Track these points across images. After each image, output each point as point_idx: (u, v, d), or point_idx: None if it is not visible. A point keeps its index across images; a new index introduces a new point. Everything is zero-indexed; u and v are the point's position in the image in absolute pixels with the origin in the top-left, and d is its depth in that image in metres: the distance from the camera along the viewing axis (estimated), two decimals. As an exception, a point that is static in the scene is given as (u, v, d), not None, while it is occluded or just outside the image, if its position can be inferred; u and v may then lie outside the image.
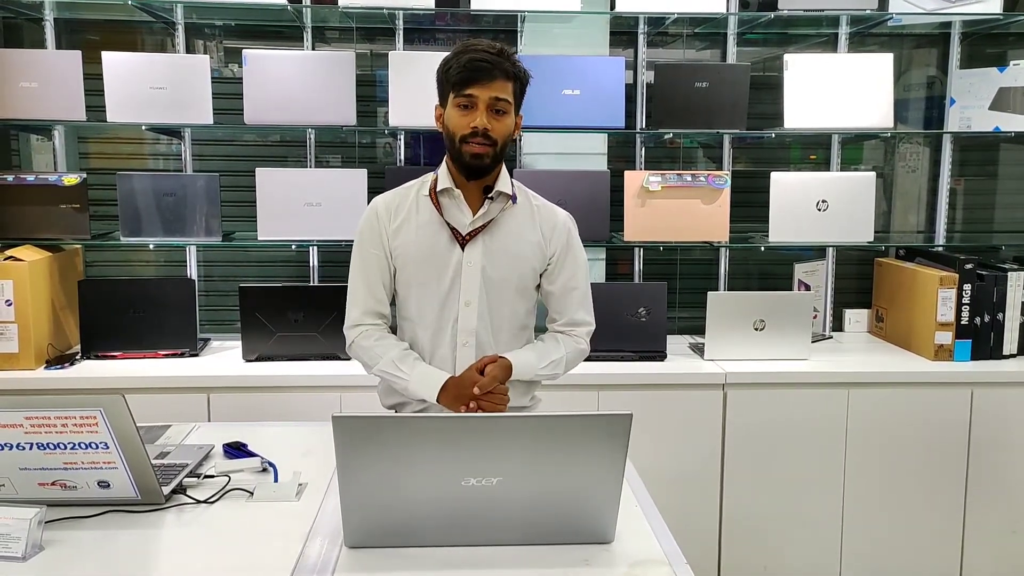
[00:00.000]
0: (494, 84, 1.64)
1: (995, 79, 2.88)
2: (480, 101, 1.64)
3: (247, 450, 1.72)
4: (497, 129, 1.66)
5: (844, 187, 2.80)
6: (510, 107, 1.68)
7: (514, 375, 1.74)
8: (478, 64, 1.63)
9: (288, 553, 1.32)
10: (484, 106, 1.64)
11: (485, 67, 1.62)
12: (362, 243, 1.79)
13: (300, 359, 2.61)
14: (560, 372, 1.84)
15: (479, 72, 1.63)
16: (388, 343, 1.77)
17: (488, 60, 1.63)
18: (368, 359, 1.78)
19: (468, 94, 1.64)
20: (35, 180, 2.64)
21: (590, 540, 1.35)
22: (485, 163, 1.68)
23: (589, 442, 1.28)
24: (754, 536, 2.63)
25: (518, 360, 1.75)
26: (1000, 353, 2.72)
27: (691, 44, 3.16)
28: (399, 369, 1.73)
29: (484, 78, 1.63)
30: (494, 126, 1.65)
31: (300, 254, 3.01)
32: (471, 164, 1.68)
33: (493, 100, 1.65)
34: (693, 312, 2.97)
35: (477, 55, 1.63)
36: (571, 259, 1.83)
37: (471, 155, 1.66)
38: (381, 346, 1.76)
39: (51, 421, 1.38)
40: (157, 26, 2.98)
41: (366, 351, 1.77)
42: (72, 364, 2.55)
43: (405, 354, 1.76)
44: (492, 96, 1.64)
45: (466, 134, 1.65)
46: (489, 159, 1.67)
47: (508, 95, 1.66)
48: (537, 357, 1.79)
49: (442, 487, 1.28)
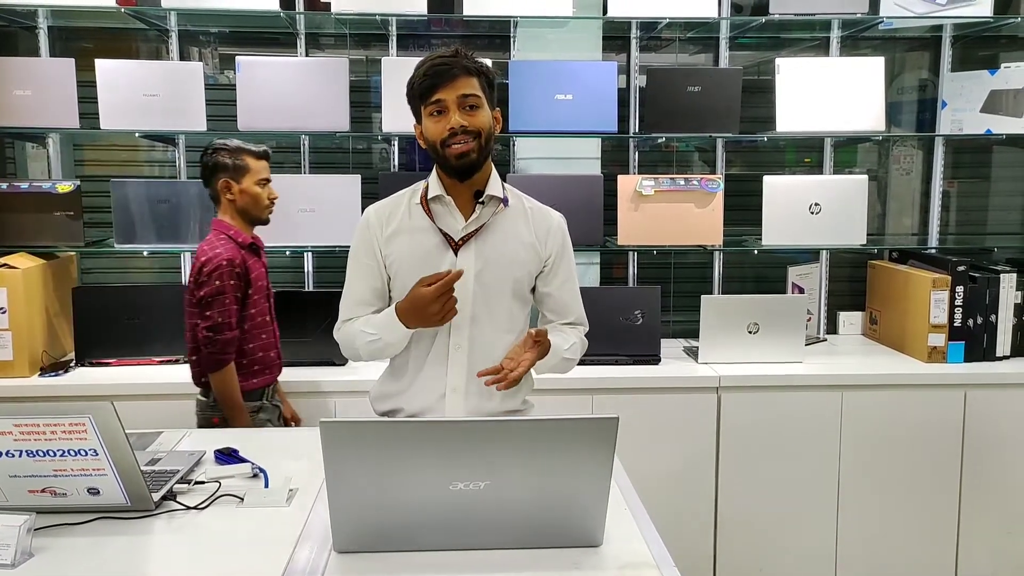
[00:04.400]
0: (457, 83, 1.65)
1: (986, 82, 2.89)
2: (449, 103, 1.66)
3: (238, 456, 1.72)
4: (474, 123, 1.67)
5: (837, 190, 2.81)
6: (481, 101, 1.69)
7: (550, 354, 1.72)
8: (437, 69, 1.65)
9: (277, 559, 1.32)
10: (454, 106, 1.66)
11: (445, 69, 1.65)
12: (356, 253, 1.81)
13: (294, 364, 2.61)
14: (575, 360, 1.84)
15: (439, 76, 1.65)
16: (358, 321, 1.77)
17: (445, 62, 1.65)
18: (349, 344, 1.79)
19: (436, 100, 1.66)
20: (29, 188, 2.65)
21: (579, 543, 1.35)
22: (472, 159, 1.68)
23: (576, 446, 1.28)
24: (749, 538, 2.63)
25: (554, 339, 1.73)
26: (993, 355, 2.72)
27: (683, 48, 3.17)
28: (366, 334, 1.73)
29: (446, 80, 1.65)
30: (470, 121, 1.66)
31: (294, 260, 3.02)
32: (459, 165, 1.68)
33: (461, 98, 1.66)
34: (687, 316, 2.97)
35: (436, 61, 1.66)
36: (566, 260, 1.84)
37: (456, 156, 1.67)
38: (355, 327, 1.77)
39: (40, 428, 1.38)
40: (151, 33, 2.99)
41: (347, 337, 1.78)
42: (67, 371, 2.55)
43: (369, 319, 1.76)
44: (459, 95, 1.66)
45: (445, 137, 1.67)
46: (475, 154, 1.68)
47: (475, 90, 1.68)
48: (561, 339, 1.78)
49: (430, 491, 1.28)
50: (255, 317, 2.23)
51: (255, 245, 2.29)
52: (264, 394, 2.28)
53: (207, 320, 2.13)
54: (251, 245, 2.26)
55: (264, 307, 2.27)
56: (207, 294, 2.13)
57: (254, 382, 2.24)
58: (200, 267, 2.15)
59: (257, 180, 2.24)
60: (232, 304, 2.15)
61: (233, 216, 2.25)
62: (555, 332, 1.81)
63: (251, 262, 2.23)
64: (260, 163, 2.25)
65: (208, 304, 2.13)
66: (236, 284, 2.16)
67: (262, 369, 2.26)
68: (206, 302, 2.13)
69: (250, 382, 2.22)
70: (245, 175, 2.22)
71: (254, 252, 2.27)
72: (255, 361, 2.24)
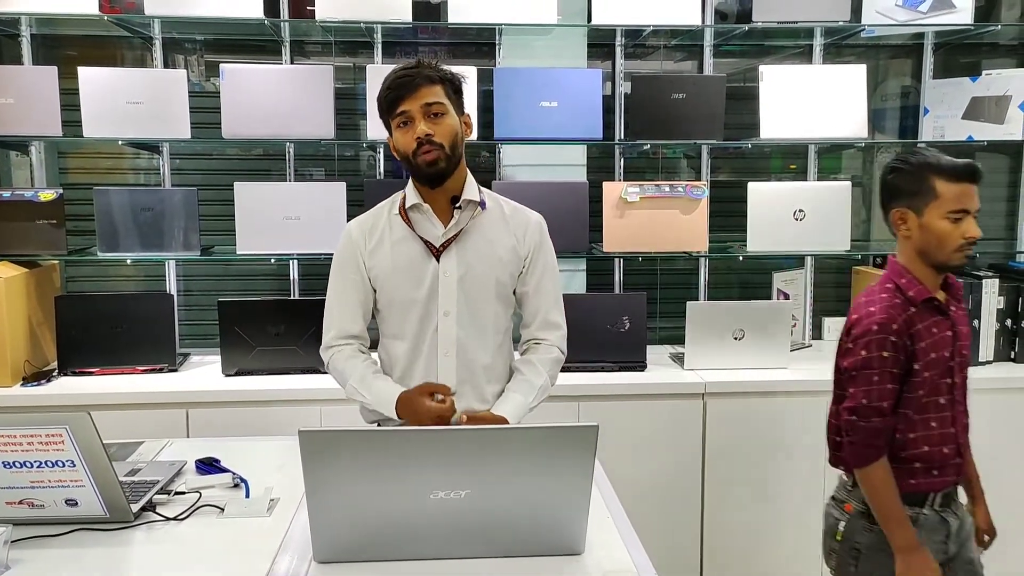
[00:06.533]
0: (420, 92, 1.68)
1: (968, 88, 2.92)
2: (414, 112, 1.68)
3: (219, 466, 1.71)
4: (439, 132, 1.68)
5: (820, 197, 2.82)
6: (445, 108, 1.70)
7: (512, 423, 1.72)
8: (400, 81, 1.68)
9: (257, 569, 1.32)
10: (420, 115, 1.68)
11: (407, 80, 1.68)
12: (339, 267, 1.81)
13: (280, 373, 2.61)
14: (550, 387, 1.86)
15: (403, 87, 1.68)
16: (355, 363, 1.78)
17: (408, 74, 1.68)
18: (340, 380, 1.81)
19: (402, 111, 1.69)
20: (11, 196, 2.63)
21: (560, 552, 1.35)
22: (441, 167, 1.70)
23: (556, 454, 1.28)
24: (735, 544, 2.63)
25: (508, 409, 1.74)
26: (976, 360, 2.73)
27: (668, 56, 3.18)
28: (359, 393, 1.76)
29: (409, 90, 1.67)
30: (435, 130, 1.68)
31: (280, 268, 3.01)
32: (430, 173, 1.70)
33: (424, 107, 1.68)
34: (673, 322, 2.98)
35: (399, 74, 1.69)
36: (543, 259, 1.84)
37: (425, 164, 1.69)
38: (349, 367, 1.78)
39: (16, 439, 1.37)
40: (135, 41, 2.98)
41: (338, 372, 1.80)
42: (49, 381, 2.53)
43: (365, 373, 1.77)
44: (422, 104, 1.68)
45: (414, 148, 1.68)
46: (444, 162, 1.70)
47: (439, 98, 1.69)
48: (523, 395, 1.79)
49: (410, 500, 1.28)
50: (922, 399, 1.70)
51: (934, 301, 1.70)
52: (928, 500, 1.73)
53: (851, 399, 1.69)
54: (929, 301, 1.69)
55: (940, 385, 1.72)
56: (850, 366, 1.69)
57: (912, 483, 1.71)
58: (849, 327, 1.72)
59: (947, 212, 1.65)
60: (885, 383, 1.66)
61: (911, 259, 1.71)
62: (517, 388, 1.80)
63: (922, 326, 1.67)
64: (956, 187, 1.65)
65: (852, 379, 1.69)
66: (893, 357, 1.65)
67: (926, 468, 1.72)
68: (850, 375, 1.69)
69: (907, 482, 1.70)
70: (929, 203, 1.66)
71: (935, 310, 1.70)
72: (917, 457, 1.71)
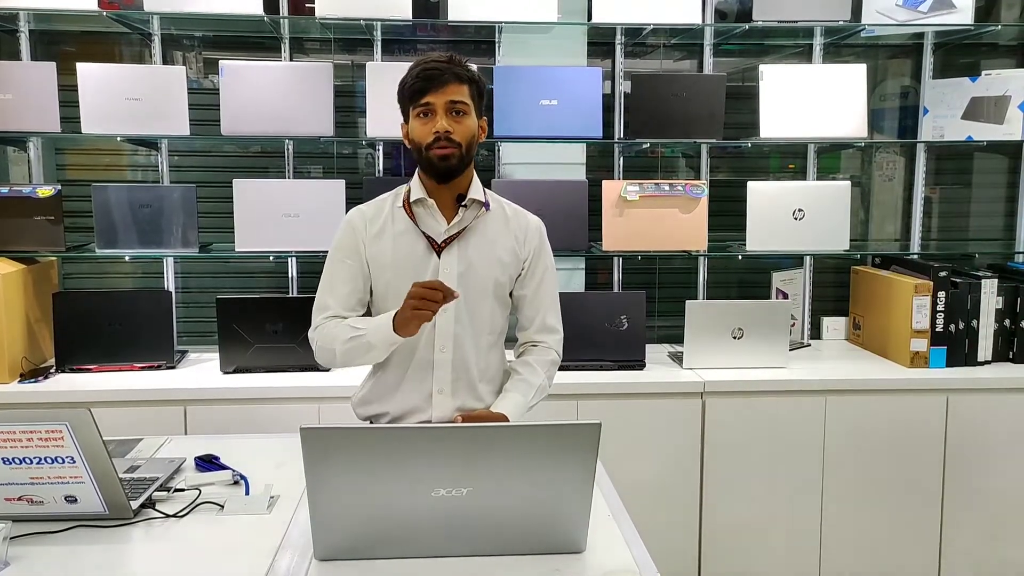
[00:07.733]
0: (448, 88, 1.67)
1: (967, 89, 2.92)
2: (437, 107, 1.68)
3: (219, 463, 1.70)
4: (459, 131, 1.69)
5: (820, 196, 2.82)
6: (468, 108, 1.71)
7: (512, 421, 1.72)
8: (429, 73, 1.67)
9: (257, 567, 1.31)
10: (442, 111, 1.68)
11: (436, 74, 1.67)
12: (338, 253, 1.80)
13: (278, 370, 2.60)
14: (548, 387, 1.86)
15: (431, 80, 1.67)
16: (340, 322, 1.74)
17: (439, 67, 1.67)
18: (330, 344, 1.73)
19: (425, 103, 1.68)
20: (9, 192, 2.62)
21: (562, 550, 1.35)
22: (453, 164, 1.70)
23: (559, 452, 1.28)
24: (734, 544, 2.63)
25: (508, 408, 1.74)
26: (975, 360, 2.74)
27: (668, 55, 3.18)
28: (356, 332, 1.68)
29: (437, 84, 1.67)
30: (455, 128, 1.68)
31: (278, 265, 3.00)
32: (440, 167, 1.70)
33: (449, 104, 1.68)
34: (672, 321, 2.98)
35: (428, 65, 1.68)
36: (543, 262, 1.85)
37: (438, 158, 1.69)
38: (333, 327, 1.74)
39: (16, 436, 1.36)
40: (134, 37, 2.97)
41: (327, 338, 1.73)
42: (47, 378, 2.52)
43: (354, 322, 1.73)
44: (448, 100, 1.68)
45: (430, 141, 1.68)
46: (456, 160, 1.69)
47: (464, 97, 1.70)
48: (522, 395, 1.79)
49: (412, 498, 1.28)
50: None
51: None
52: None
53: None
54: None
55: None
56: None
57: None
58: None
59: None
60: None
61: None
62: (515, 387, 1.80)
63: None
64: None
65: None
66: None
67: None
68: None
69: None
70: None
71: None
72: None
